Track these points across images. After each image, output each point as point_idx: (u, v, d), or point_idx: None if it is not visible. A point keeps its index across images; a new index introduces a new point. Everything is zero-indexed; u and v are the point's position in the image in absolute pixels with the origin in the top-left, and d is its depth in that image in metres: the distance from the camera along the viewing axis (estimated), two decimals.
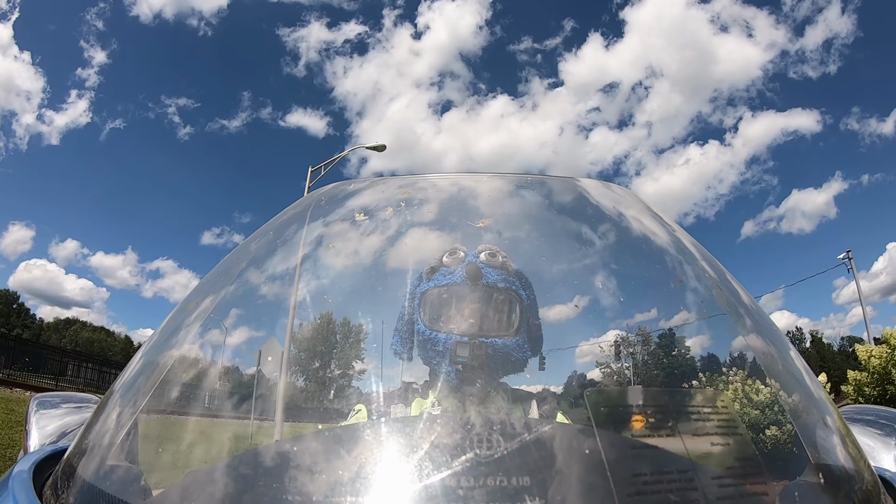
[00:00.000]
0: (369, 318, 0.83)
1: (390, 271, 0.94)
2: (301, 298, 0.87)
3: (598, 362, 0.77)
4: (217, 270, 1.02)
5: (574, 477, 0.58)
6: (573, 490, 0.57)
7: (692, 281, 0.92)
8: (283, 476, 0.60)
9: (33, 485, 0.74)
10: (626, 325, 0.81)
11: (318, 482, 0.58)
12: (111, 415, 0.83)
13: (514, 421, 0.66)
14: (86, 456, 0.77)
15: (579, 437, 0.64)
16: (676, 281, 0.92)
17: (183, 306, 0.95)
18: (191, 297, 0.96)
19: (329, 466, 0.60)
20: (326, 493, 0.57)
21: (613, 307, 0.85)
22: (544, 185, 1.19)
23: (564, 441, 0.62)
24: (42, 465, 0.83)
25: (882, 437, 1.07)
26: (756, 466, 0.66)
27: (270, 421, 0.77)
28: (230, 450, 0.74)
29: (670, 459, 0.63)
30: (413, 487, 0.55)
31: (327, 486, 0.58)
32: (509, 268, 0.97)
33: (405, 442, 0.60)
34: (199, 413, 0.79)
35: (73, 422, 1.21)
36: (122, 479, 0.74)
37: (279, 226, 1.08)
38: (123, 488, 0.72)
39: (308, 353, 0.83)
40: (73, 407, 1.34)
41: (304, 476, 0.59)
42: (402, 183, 1.13)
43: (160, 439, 0.80)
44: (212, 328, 0.87)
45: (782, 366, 0.84)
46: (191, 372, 0.84)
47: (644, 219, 1.04)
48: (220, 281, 0.97)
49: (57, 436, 1.17)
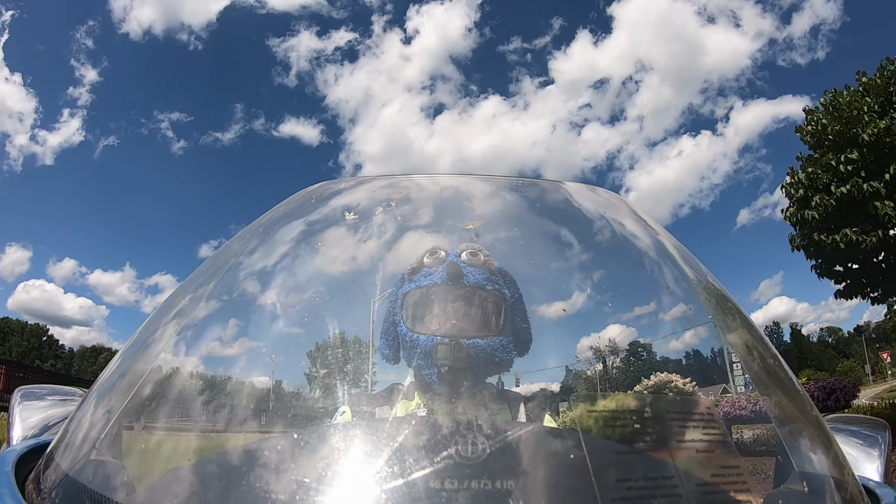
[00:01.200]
0: (355, 318, 0.82)
1: (376, 271, 0.93)
2: (286, 298, 0.86)
3: (583, 365, 0.77)
4: (203, 268, 1.01)
5: (559, 480, 0.58)
6: (557, 494, 0.57)
7: (673, 284, 0.93)
8: (266, 474, 0.60)
9: (15, 479, 0.74)
10: (611, 328, 0.80)
11: (300, 482, 0.58)
12: (95, 409, 0.82)
13: (499, 423, 0.66)
14: (69, 450, 0.76)
15: (564, 441, 0.64)
16: (665, 287, 0.92)
17: (167, 304, 0.95)
18: (174, 295, 0.96)
19: (312, 466, 0.60)
20: (309, 493, 0.56)
21: (597, 310, 0.85)
22: (530, 187, 1.19)
23: (549, 444, 0.62)
24: (25, 459, 0.82)
25: (866, 447, 1.08)
26: (740, 473, 0.67)
27: (255, 420, 0.76)
28: (214, 447, 0.73)
29: (655, 465, 0.64)
30: (396, 489, 0.55)
31: (310, 486, 0.57)
32: (491, 266, 0.95)
33: (389, 443, 0.60)
34: (183, 410, 0.78)
35: (57, 414, 1.20)
36: (104, 475, 0.73)
37: (266, 224, 1.07)
38: (106, 483, 0.71)
39: (293, 353, 0.83)
40: (58, 399, 1.32)
41: (287, 475, 0.59)
42: (390, 182, 1.13)
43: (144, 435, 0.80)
44: (194, 326, 0.86)
45: (766, 372, 0.85)
46: (174, 371, 0.83)
47: (627, 222, 1.04)
48: (204, 279, 0.96)
49: (40, 428, 1.15)
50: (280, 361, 0.81)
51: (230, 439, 0.74)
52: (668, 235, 1.01)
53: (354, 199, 1.10)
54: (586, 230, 1.06)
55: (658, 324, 0.84)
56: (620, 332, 0.80)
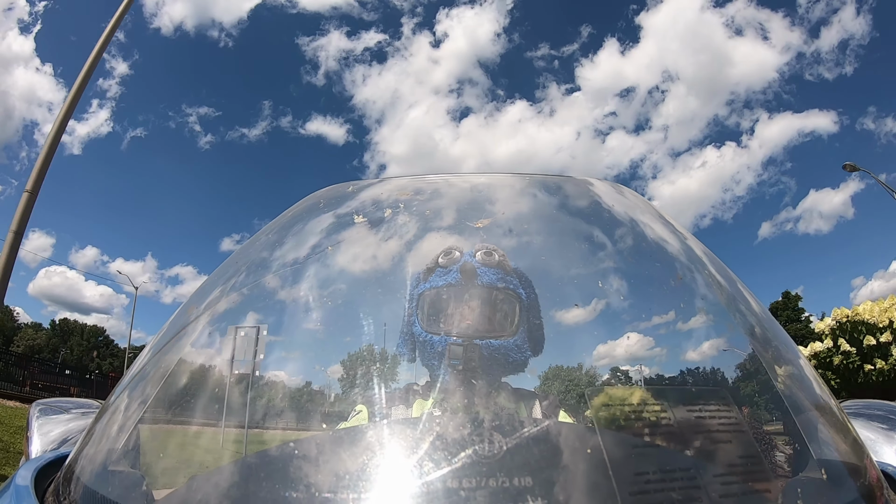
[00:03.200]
0: (371, 318, 0.82)
1: (391, 272, 0.93)
2: (302, 300, 0.87)
3: (601, 364, 0.77)
4: (218, 272, 1.02)
5: (576, 476, 0.58)
6: (576, 490, 0.57)
7: (702, 287, 0.91)
8: (286, 479, 0.60)
9: (35, 491, 0.74)
10: (631, 328, 0.80)
11: (318, 484, 0.58)
12: (113, 420, 0.83)
13: (515, 421, 0.66)
14: (87, 462, 0.77)
15: (581, 436, 0.64)
16: (677, 278, 0.92)
17: (183, 310, 0.95)
18: (191, 302, 0.96)
19: (329, 468, 0.60)
20: (327, 495, 0.57)
21: (619, 309, 0.84)
22: (550, 184, 1.18)
23: (567, 440, 0.62)
24: (44, 472, 0.83)
25: (885, 431, 1.07)
26: (758, 463, 0.66)
27: (271, 423, 0.76)
28: (232, 453, 0.73)
29: (673, 458, 0.63)
30: (413, 489, 0.55)
31: (328, 488, 0.58)
32: (506, 266, 0.95)
33: (405, 443, 0.60)
34: (202, 417, 0.78)
35: (76, 428, 1.21)
36: (123, 485, 0.74)
37: (280, 227, 1.08)
38: (125, 494, 0.72)
39: (309, 354, 0.83)
40: (76, 413, 1.33)
41: (306, 478, 0.59)
42: (405, 183, 1.13)
43: (162, 444, 0.80)
44: (212, 332, 0.87)
45: (785, 362, 0.84)
46: (192, 377, 0.83)
47: (653, 223, 1.03)
48: (221, 283, 0.97)
49: (59, 442, 1.16)
50: (295, 361, 0.81)
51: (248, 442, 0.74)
52: (693, 237, 1.00)
53: (382, 196, 1.10)
54: (612, 228, 1.05)
55: (682, 323, 0.83)
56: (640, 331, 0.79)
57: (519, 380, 0.92)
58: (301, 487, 0.59)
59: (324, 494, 0.57)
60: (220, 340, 0.85)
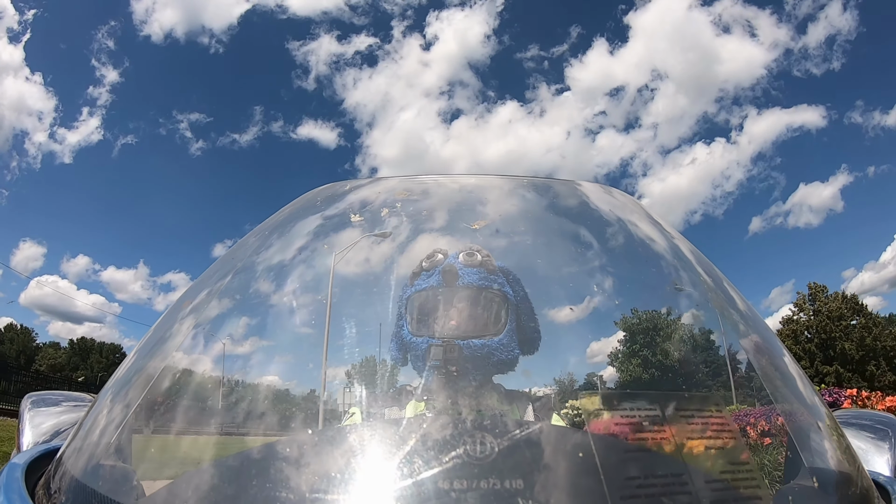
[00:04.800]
0: (364, 319, 0.82)
1: (384, 273, 0.93)
2: (295, 300, 0.86)
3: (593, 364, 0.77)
4: (211, 270, 1.01)
5: (567, 479, 0.58)
6: (566, 492, 0.57)
7: (688, 286, 0.92)
8: (277, 477, 0.60)
9: (25, 484, 0.74)
10: (621, 329, 0.80)
11: (310, 483, 0.58)
12: (104, 414, 0.83)
13: (507, 423, 0.66)
14: (78, 455, 0.77)
15: (573, 439, 0.64)
16: (672, 285, 0.92)
17: (176, 306, 0.95)
18: (184, 297, 0.96)
19: (321, 468, 0.60)
20: (318, 494, 0.57)
21: (608, 310, 0.84)
22: (542, 186, 1.19)
23: (558, 443, 0.62)
24: (35, 464, 0.83)
25: (876, 440, 1.07)
26: (750, 470, 0.66)
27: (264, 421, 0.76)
28: (223, 449, 0.73)
29: (664, 463, 0.63)
30: (405, 489, 0.55)
31: (320, 487, 0.57)
32: (490, 266, 0.95)
33: (398, 444, 0.60)
34: (192, 413, 0.78)
35: (68, 420, 1.21)
36: (114, 479, 0.73)
37: (274, 226, 1.08)
38: (116, 488, 0.72)
39: (302, 355, 0.83)
40: (67, 405, 1.33)
41: (297, 477, 0.59)
42: (399, 184, 1.13)
43: (153, 439, 0.80)
44: (203, 330, 0.87)
45: (776, 370, 0.85)
46: (183, 375, 0.83)
47: (642, 223, 1.03)
48: (213, 280, 0.96)
49: (51, 434, 1.16)
50: (289, 362, 0.81)
51: (240, 442, 0.74)
52: (681, 238, 1.01)
53: (370, 198, 1.10)
54: (601, 230, 1.05)
55: (672, 324, 0.84)
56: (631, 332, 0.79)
57: (514, 380, 0.92)
58: (292, 486, 0.58)
59: (314, 493, 0.57)
60: (210, 340, 0.84)
